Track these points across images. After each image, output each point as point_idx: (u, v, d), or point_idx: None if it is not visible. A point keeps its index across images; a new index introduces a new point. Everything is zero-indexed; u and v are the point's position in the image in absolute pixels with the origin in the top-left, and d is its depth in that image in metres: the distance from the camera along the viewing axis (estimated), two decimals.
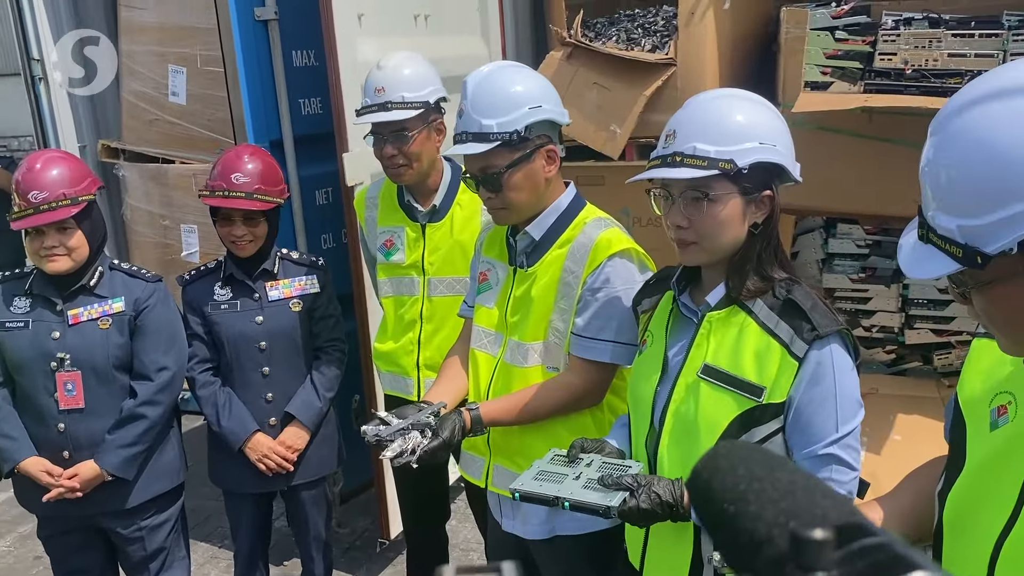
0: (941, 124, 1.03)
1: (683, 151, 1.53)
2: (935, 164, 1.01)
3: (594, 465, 1.64)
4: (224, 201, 2.55)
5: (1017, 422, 1.13)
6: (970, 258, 0.96)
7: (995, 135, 0.95)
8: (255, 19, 3.28)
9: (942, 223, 0.99)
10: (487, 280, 2.13)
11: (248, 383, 2.69)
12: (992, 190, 0.94)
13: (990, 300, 1.01)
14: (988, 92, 0.98)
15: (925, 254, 1.02)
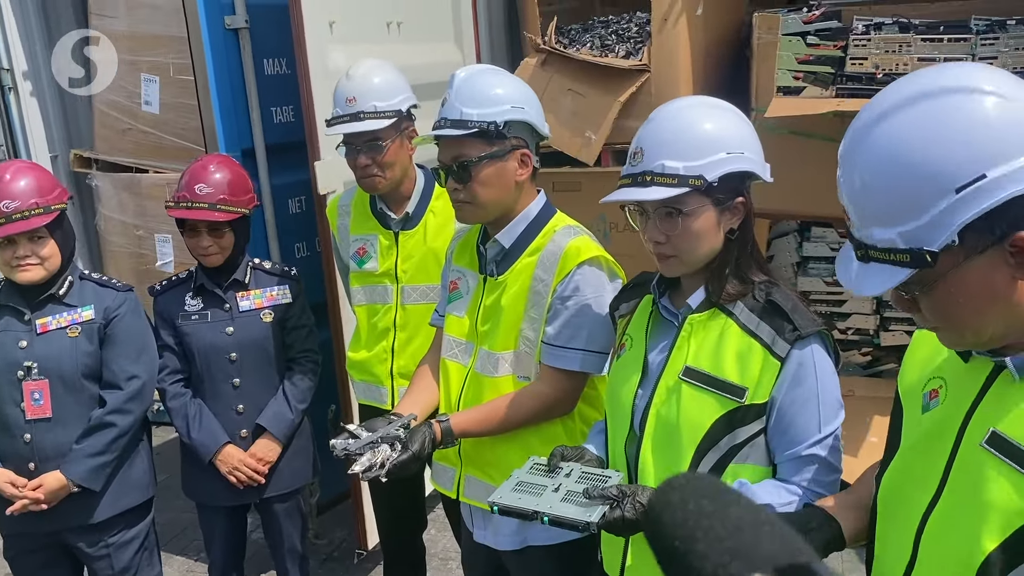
0: (851, 152, 1.07)
1: (652, 170, 1.52)
2: (859, 188, 1.05)
3: (574, 475, 1.62)
4: (187, 212, 2.53)
5: (946, 404, 1.17)
6: (920, 259, 0.99)
7: (908, 143, 1.00)
8: (225, 27, 3.25)
9: (881, 236, 1.02)
10: (457, 289, 2.12)
11: (219, 394, 2.66)
12: (921, 193, 0.98)
13: (942, 296, 1.03)
14: (886, 109, 1.03)
15: (870, 272, 1.05)
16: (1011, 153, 0.96)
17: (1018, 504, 1.03)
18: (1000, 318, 1.04)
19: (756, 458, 1.56)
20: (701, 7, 3.66)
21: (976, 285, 1.01)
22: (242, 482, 2.65)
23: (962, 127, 0.98)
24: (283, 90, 3.42)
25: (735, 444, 1.54)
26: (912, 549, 1.16)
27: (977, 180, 0.96)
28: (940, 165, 0.98)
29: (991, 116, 0.98)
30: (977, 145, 0.97)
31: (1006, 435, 1.05)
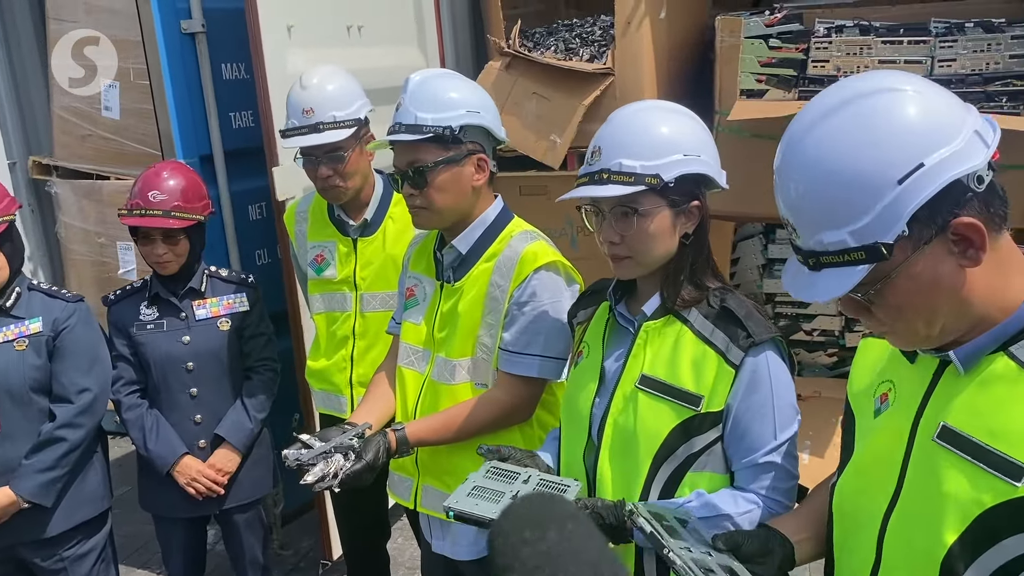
0: (787, 164, 1.09)
1: (609, 168, 1.52)
2: (801, 198, 1.07)
3: (532, 482, 1.60)
4: (141, 220, 2.48)
5: (896, 406, 1.18)
6: (875, 253, 1.02)
7: (843, 146, 1.03)
8: (181, 31, 3.20)
9: (831, 239, 1.04)
10: (414, 296, 2.09)
11: (176, 405, 2.61)
12: (866, 191, 1.01)
13: (894, 293, 1.05)
14: (815, 118, 1.06)
15: (823, 278, 1.06)
16: (941, 141, 1.01)
17: (973, 494, 1.04)
18: (950, 310, 1.06)
19: (714, 466, 1.54)
20: (664, 11, 3.66)
21: (925, 277, 1.04)
22: (201, 493, 2.60)
23: (892, 122, 1.02)
24: (242, 95, 3.38)
25: (692, 453, 1.53)
26: (876, 552, 1.16)
27: (916, 169, 1.00)
28: (879, 161, 1.01)
29: (916, 110, 1.02)
30: (910, 137, 1.01)
31: (956, 428, 1.08)
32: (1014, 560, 1.02)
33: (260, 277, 2.78)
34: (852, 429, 1.28)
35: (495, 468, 1.65)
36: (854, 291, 1.06)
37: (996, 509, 1.02)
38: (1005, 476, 1.02)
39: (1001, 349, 1.07)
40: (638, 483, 1.55)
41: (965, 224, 1.01)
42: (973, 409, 1.07)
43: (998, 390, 1.06)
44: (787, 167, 1.08)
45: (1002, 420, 1.04)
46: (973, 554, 1.04)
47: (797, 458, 1.56)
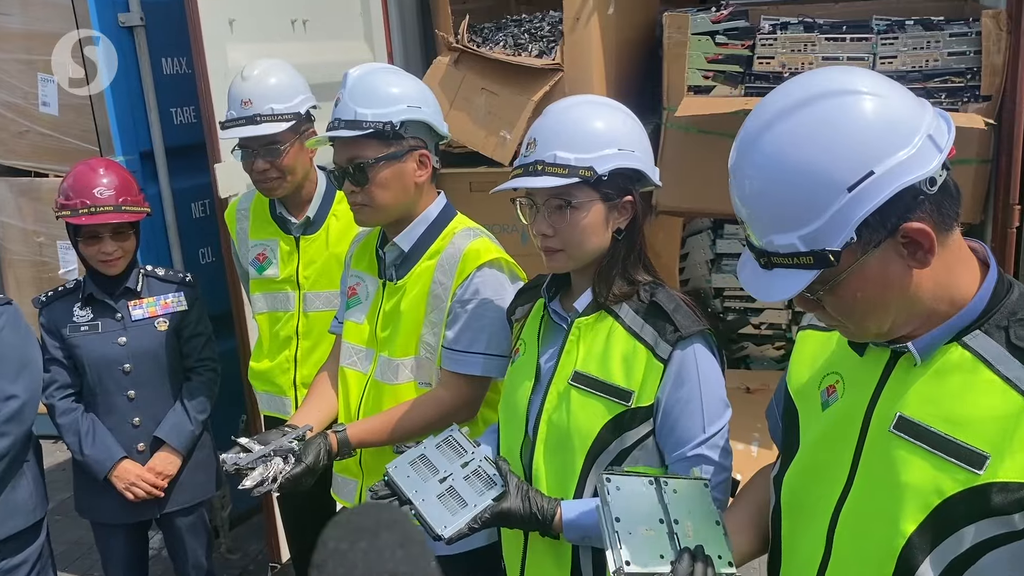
0: (741, 163, 1.08)
1: (544, 159, 1.52)
2: (754, 198, 1.07)
3: (469, 467, 1.60)
4: (92, 218, 2.41)
5: (846, 397, 1.19)
6: (823, 260, 1.02)
7: (796, 150, 1.03)
8: (119, 25, 3.11)
9: (781, 242, 1.04)
10: (356, 294, 2.06)
11: (113, 408, 2.54)
12: (816, 197, 1.01)
13: (844, 293, 1.06)
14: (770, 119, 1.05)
15: (775, 278, 1.07)
16: (893, 148, 1.00)
17: (934, 483, 1.05)
18: (900, 308, 1.07)
19: (647, 461, 1.54)
20: (612, 7, 3.66)
21: (875, 279, 1.05)
22: (139, 498, 2.53)
23: (845, 129, 1.02)
24: (183, 90, 3.30)
25: (624, 448, 1.53)
26: (825, 544, 1.17)
27: (866, 177, 1.00)
28: (830, 168, 1.01)
29: (870, 116, 1.02)
30: (862, 144, 1.01)
31: (913, 418, 1.09)
32: (971, 548, 1.04)
33: (204, 276, 2.73)
34: (795, 422, 1.28)
35: (452, 439, 1.65)
36: (805, 291, 1.07)
37: (956, 497, 1.04)
38: (966, 464, 1.04)
39: (955, 340, 1.09)
40: (572, 479, 1.55)
41: (915, 229, 1.02)
42: (930, 399, 1.09)
43: (955, 380, 1.08)
44: (742, 166, 1.08)
45: (961, 409, 1.06)
46: (932, 543, 1.06)
47: (730, 451, 1.56)
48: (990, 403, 1.04)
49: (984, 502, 1.02)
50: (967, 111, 2.97)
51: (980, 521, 1.03)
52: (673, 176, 3.37)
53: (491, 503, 1.51)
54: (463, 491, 1.55)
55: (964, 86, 3.05)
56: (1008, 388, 1.04)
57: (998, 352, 1.06)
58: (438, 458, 1.62)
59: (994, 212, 2.95)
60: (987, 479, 1.02)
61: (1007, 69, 2.90)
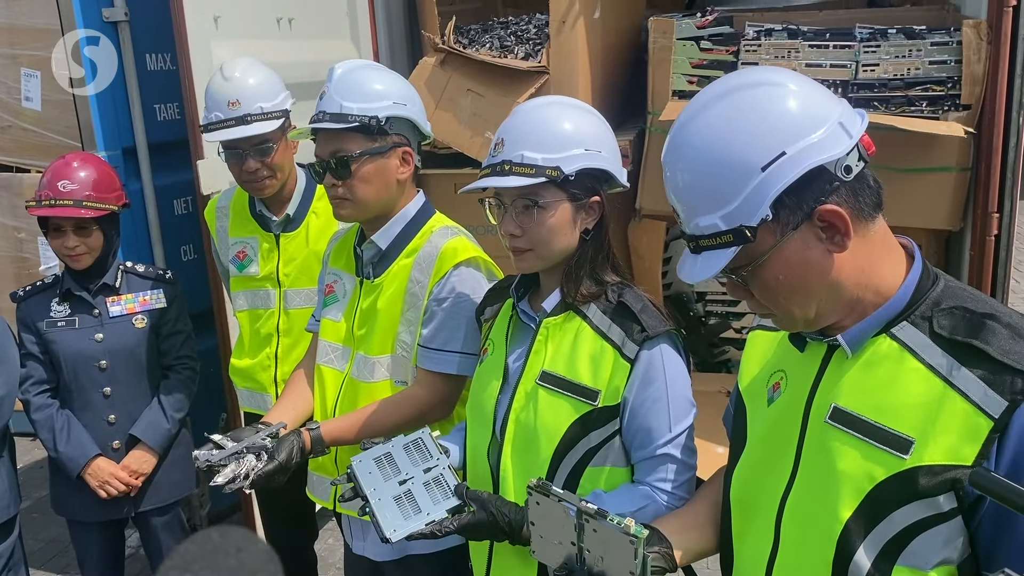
0: (669, 151, 1.16)
1: (511, 159, 1.54)
2: (681, 183, 1.14)
3: (432, 473, 1.59)
4: (51, 210, 2.40)
5: (788, 392, 1.23)
6: (741, 236, 1.08)
7: (715, 135, 1.10)
8: (103, 20, 3.10)
9: (704, 223, 1.10)
10: (333, 292, 2.05)
11: (88, 404, 2.53)
12: (734, 177, 1.08)
13: (767, 276, 1.11)
14: (695, 110, 1.13)
15: (702, 260, 1.12)
16: (803, 132, 1.07)
17: (865, 470, 1.10)
18: (823, 294, 1.12)
19: (614, 460, 1.55)
20: (598, 11, 3.67)
21: (796, 262, 1.10)
22: (112, 496, 2.52)
23: (760, 114, 1.09)
24: (167, 87, 3.30)
25: (591, 447, 1.53)
26: (774, 536, 1.20)
27: (778, 157, 1.06)
28: (745, 149, 1.08)
29: (784, 103, 1.09)
30: (774, 128, 1.07)
31: (846, 408, 1.13)
32: (904, 530, 1.07)
33: (185, 273, 2.72)
34: (743, 420, 1.31)
35: (421, 441, 1.64)
36: (728, 272, 1.12)
37: (886, 482, 1.08)
38: (893, 450, 1.08)
39: (883, 331, 1.13)
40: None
41: (828, 211, 1.07)
42: (861, 389, 1.13)
43: (883, 370, 1.12)
44: (670, 154, 1.15)
45: (888, 397, 1.10)
46: (867, 528, 1.09)
47: (695, 451, 1.57)
48: (915, 390, 1.09)
49: (912, 485, 1.06)
50: (948, 119, 2.99)
51: (909, 504, 1.07)
52: (657, 180, 3.38)
53: (446, 515, 1.51)
54: (420, 497, 1.55)
55: (945, 95, 3.07)
56: (931, 375, 1.08)
57: (922, 341, 1.10)
58: (403, 459, 1.62)
59: (973, 220, 2.97)
60: (913, 463, 1.06)
61: (987, 79, 2.92)
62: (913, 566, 1.08)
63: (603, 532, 1.26)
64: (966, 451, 1.03)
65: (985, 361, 1.05)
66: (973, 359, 1.06)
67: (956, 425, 1.05)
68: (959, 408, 1.05)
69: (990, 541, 1.06)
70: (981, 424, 1.03)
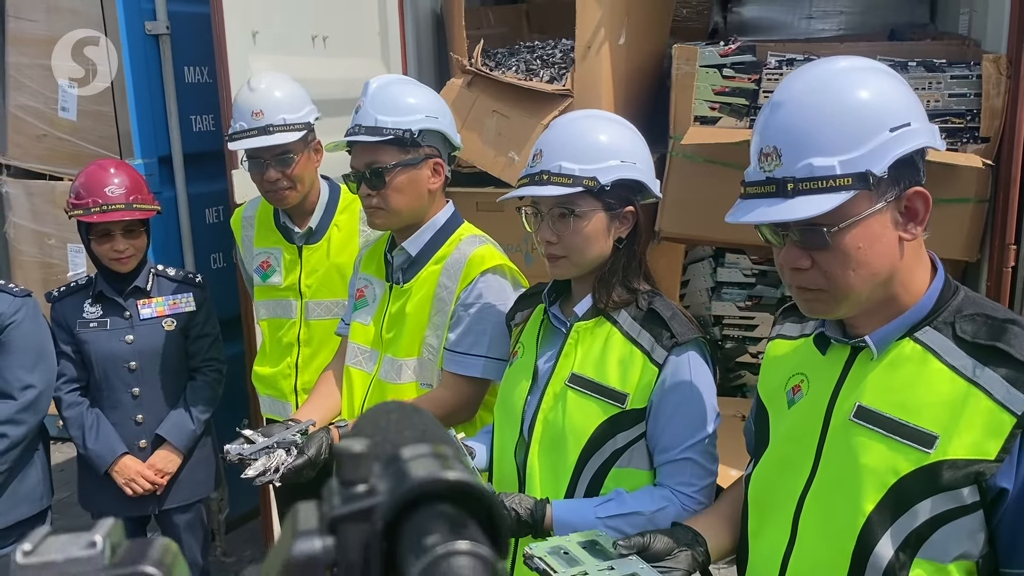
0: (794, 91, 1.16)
1: (549, 170, 1.58)
2: (801, 121, 1.14)
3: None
4: (104, 216, 2.47)
5: (810, 394, 1.27)
6: (863, 180, 1.10)
7: (858, 88, 1.14)
8: (145, 33, 3.20)
9: (821, 163, 1.11)
10: (364, 296, 2.11)
11: (117, 404, 2.59)
12: (865, 127, 1.12)
13: (851, 241, 1.13)
14: (819, 64, 1.18)
15: (797, 203, 1.12)
16: (920, 116, 1.15)
17: (890, 464, 1.14)
18: (882, 277, 1.15)
19: (638, 463, 1.59)
20: (623, 37, 3.76)
21: (876, 236, 1.13)
22: (138, 493, 2.57)
23: (890, 84, 1.16)
24: (204, 98, 3.38)
25: (617, 449, 1.57)
26: (791, 531, 1.24)
27: (904, 125, 1.12)
28: (879, 106, 1.13)
29: (903, 85, 1.18)
30: (902, 99, 1.15)
31: (870, 406, 1.18)
32: (926, 522, 1.12)
33: (214, 281, 2.78)
34: (766, 424, 1.35)
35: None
36: (820, 222, 1.12)
37: (910, 476, 1.12)
38: (918, 445, 1.12)
39: (907, 335, 1.18)
40: (565, 478, 1.59)
41: (919, 193, 1.14)
42: (885, 388, 1.17)
43: (907, 370, 1.16)
44: (786, 98, 1.17)
45: (912, 396, 1.15)
46: (890, 520, 1.14)
47: (716, 458, 1.61)
48: (939, 389, 1.14)
49: (935, 479, 1.11)
50: (966, 151, 3.04)
51: (932, 497, 1.11)
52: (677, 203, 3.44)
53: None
54: None
55: (964, 127, 3.12)
56: (955, 376, 1.14)
57: (946, 344, 1.16)
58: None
59: (990, 251, 3.00)
60: (937, 457, 1.11)
61: (1006, 112, 2.97)
62: (933, 558, 1.12)
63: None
64: (989, 446, 1.09)
65: (1008, 362, 1.11)
66: (996, 360, 1.11)
67: (980, 422, 1.10)
68: (983, 406, 1.10)
69: (1010, 536, 1.10)
70: (1004, 420, 1.09)
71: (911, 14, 4.19)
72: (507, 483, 1.70)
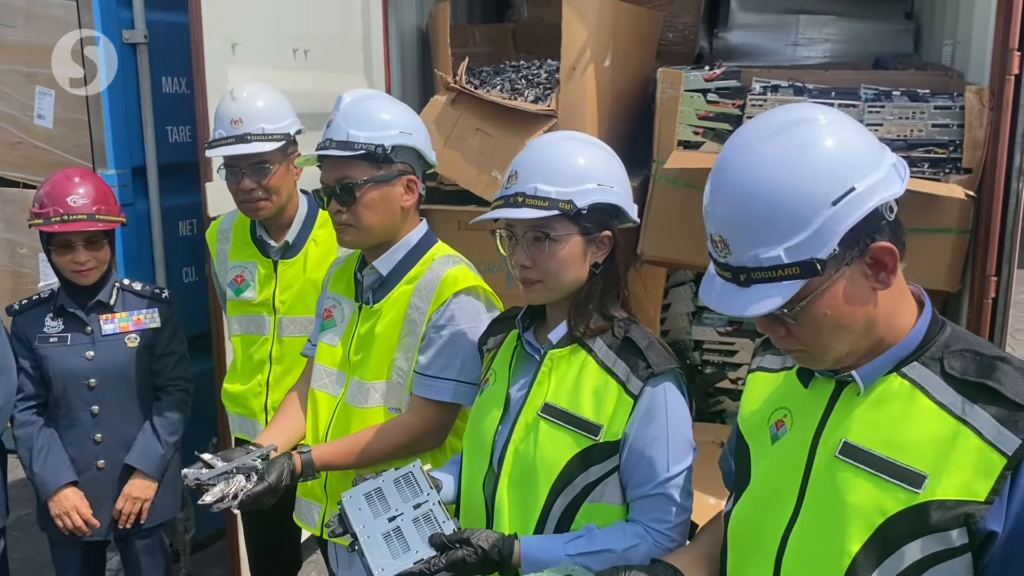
0: (724, 183, 1.12)
1: (525, 191, 1.54)
2: (738, 216, 1.10)
3: (421, 509, 1.57)
4: (65, 226, 2.40)
5: (794, 429, 1.23)
6: (810, 268, 1.07)
7: (782, 167, 1.08)
8: (123, 41, 3.15)
9: (766, 255, 1.08)
10: (331, 317, 2.05)
11: (75, 422, 2.51)
12: (803, 210, 1.07)
13: (816, 311, 1.10)
14: (749, 141, 1.11)
15: (752, 294, 1.09)
16: (869, 169, 1.08)
17: (877, 503, 1.10)
18: (861, 330, 1.13)
19: (610, 497, 1.53)
20: (609, 59, 3.74)
21: (844, 297, 1.10)
22: (70, 529, 2.49)
23: (823, 148, 1.08)
24: (181, 109, 3.33)
25: (589, 482, 1.52)
26: (773, 573, 1.19)
27: (849, 192, 1.06)
28: (815, 182, 1.07)
29: (847, 138, 1.09)
30: (841, 162, 1.08)
31: (857, 443, 1.14)
32: (912, 565, 1.08)
33: (186, 295, 2.71)
34: (747, 459, 1.30)
35: (411, 476, 1.62)
36: (783, 307, 1.09)
37: (897, 516, 1.08)
38: (906, 484, 1.09)
39: (894, 370, 1.15)
40: (535, 512, 1.53)
41: (882, 248, 1.09)
42: (872, 425, 1.14)
43: (894, 407, 1.13)
44: (725, 185, 1.12)
45: (900, 433, 1.11)
46: (876, 561, 1.10)
47: (691, 493, 1.56)
48: (927, 427, 1.10)
49: (924, 519, 1.07)
50: (949, 182, 3.03)
51: (921, 538, 1.07)
52: (659, 227, 3.41)
53: (434, 552, 1.49)
54: (409, 535, 1.53)
55: (947, 157, 3.11)
56: (943, 413, 1.10)
57: (934, 381, 1.13)
58: (393, 495, 1.60)
59: (971, 282, 2.99)
60: (926, 497, 1.08)
61: (988, 144, 2.96)
62: None
63: None
64: (979, 487, 1.06)
65: (998, 400, 1.08)
66: (986, 398, 1.08)
67: (970, 461, 1.07)
68: (972, 445, 1.07)
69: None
70: (995, 460, 1.06)
71: (896, 44, 4.20)
72: (475, 516, 1.64)
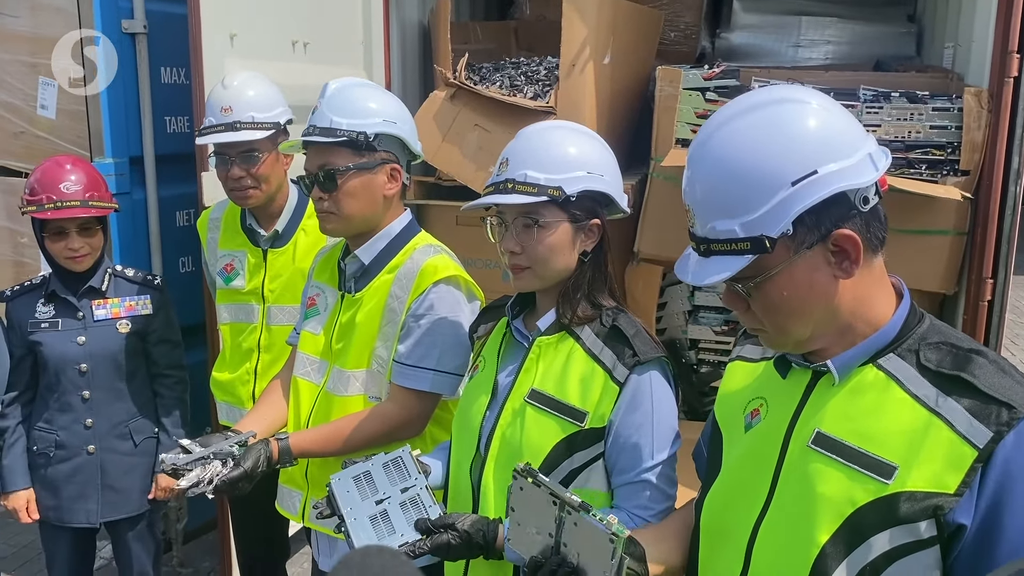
0: (696, 155, 1.15)
1: (515, 178, 1.56)
2: (704, 186, 1.14)
3: (408, 493, 1.58)
4: (58, 212, 2.41)
5: (768, 418, 1.23)
6: (759, 245, 1.08)
7: (748, 143, 1.10)
8: (122, 31, 3.17)
9: (722, 227, 1.10)
10: (315, 305, 2.06)
11: (67, 407, 2.52)
12: (761, 186, 1.09)
13: (773, 290, 1.12)
14: (727, 117, 1.13)
15: (709, 263, 1.11)
16: (836, 155, 1.09)
17: (847, 494, 1.10)
18: (820, 316, 1.14)
19: (595, 483, 1.54)
20: (609, 56, 3.73)
21: (802, 280, 1.11)
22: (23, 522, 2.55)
23: (795, 129, 1.10)
24: (179, 100, 3.34)
25: (574, 468, 1.53)
26: (744, 562, 1.19)
27: (810, 175, 1.08)
28: (778, 161, 1.08)
29: (819, 122, 1.11)
30: (809, 145, 1.09)
31: (830, 434, 1.14)
32: (880, 556, 1.08)
33: (181, 285, 2.73)
34: (719, 447, 1.31)
35: (400, 460, 1.62)
36: (735, 280, 1.12)
37: (867, 507, 1.09)
38: (876, 475, 1.09)
39: (870, 361, 1.15)
40: None
41: (844, 236, 1.09)
42: (845, 415, 1.14)
43: (868, 398, 1.13)
44: (695, 159, 1.15)
45: (872, 424, 1.11)
46: (844, 552, 1.10)
47: (675, 481, 1.56)
48: (900, 419, 1.10)
49: (893, 511, 1.07)
50: (946, 183, 3.01)
51: (889, 529, 1.07)
52: (656, 225, 3.40)
53: (419, 536, 1.49)
54: (395, 518, 1.54)
55: (944, 159, 3.09)
56: (916, 404, 1.10)
57: (909, 372, 1.12)
58: (381, 478, 1.60)
59: (967, 284, 2.97)
60: (896, 488, 1.08)
61: (986, 146, 2.95)
62: None
63: (584, 527, 1.24)
64: (949, 479, 1.05)
65: (972, 393, 1.08)
66: (960, 391, 1.09)
67: (940, 453, 1.06)
68: (944, 437, 1.07)
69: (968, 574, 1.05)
70: (965, 453, 1.05)
71: (898, 47, 4.18)
72: (461, 501, 1.65)
